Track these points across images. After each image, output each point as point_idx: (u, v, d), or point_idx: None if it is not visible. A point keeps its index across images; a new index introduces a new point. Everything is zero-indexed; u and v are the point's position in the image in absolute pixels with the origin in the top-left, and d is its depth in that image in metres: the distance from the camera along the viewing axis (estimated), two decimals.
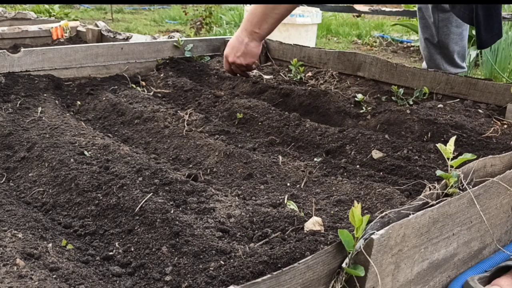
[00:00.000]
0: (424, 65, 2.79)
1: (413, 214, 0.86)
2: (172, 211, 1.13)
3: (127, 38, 3.07)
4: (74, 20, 5.03)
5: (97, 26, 3.27)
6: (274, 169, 1.44)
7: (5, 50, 2.24)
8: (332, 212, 1.19)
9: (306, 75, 2.50)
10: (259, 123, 1.87)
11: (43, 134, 1.63)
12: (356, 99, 2.04)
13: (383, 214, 0.87)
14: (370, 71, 2.32)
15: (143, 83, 2.38)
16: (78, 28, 3.41)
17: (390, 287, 0.86)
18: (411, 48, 5.36)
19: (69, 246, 1.07)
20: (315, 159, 1.54)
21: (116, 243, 1.10)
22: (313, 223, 1.07)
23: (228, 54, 2.22)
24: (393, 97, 2.12)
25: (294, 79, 2.45)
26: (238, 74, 2.30)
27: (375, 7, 5.10)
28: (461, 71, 2.64)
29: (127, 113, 1.94)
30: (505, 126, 1.78)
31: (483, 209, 1.01)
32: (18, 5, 6.94)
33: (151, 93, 2.24)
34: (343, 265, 0.80)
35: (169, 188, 1.28)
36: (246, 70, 2.26)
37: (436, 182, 1.01)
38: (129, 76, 2.44)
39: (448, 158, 1.03)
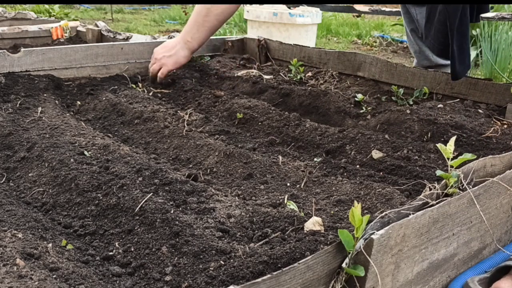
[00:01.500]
0: (415, 61, 2.76)
1: (413, 214, 0.86)
2: (172, 211, 1.13)
3: (127, 38, 3.07)
4: (74, 20, 5.03)
5: (97, 26, 3.27)
6: (274, 169, 1.44)
7: (5, 50, 2.24)
8: (332, 212, 1.19)
9: (306, 75, 2.50)
10: (259, 123, 1.87)
11: (43, 134, 1.63)
12: (356, 99, 2.04)
13: (383, 214, 0.87)
14: (370, 71, 2.32)
15: (143, 83, 2.38)
16: (78, 28, 3.41)
17: (390, 287, 0.86)
18: None
19: (69, 246, 1.07)
20: (315, 159, 1.54)
21: (116, 243, 1.10)
22: (313, 223, 1.07)
23: (158, 50, 2.30)
24: (393, 97, 2.12)
25: (294, 79, 2.45)
26: (151, 76, 2.33)
27: (375, 7, 5.10)
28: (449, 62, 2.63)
29: (127, 113, 1.94)
30: (505, 126, 1.78)
31: (483, 209, 1.01)
32: (18, 5, 6.93)
33: (151, 93, 2.24)
34: (343, 265, 0.80)
35: (169, 188, 1.28)
36: (160, 74, 2.30)
37: (436, 182, 1.01)
38: (129, 76, 2.44)
39: (448, 158, 1.03)
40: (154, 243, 1.06)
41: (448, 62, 2.58)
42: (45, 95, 2.08)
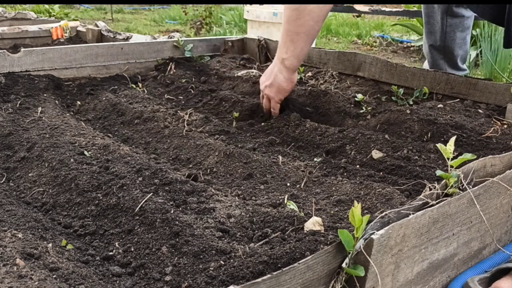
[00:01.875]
0: (425, 65, 2.78)
1: (413, 214, 0.86)
2: (172, 211, 1.13)
3: (127, 38, 3.08)
4: (74, 20, 5.03)
5: (97, 26, 3.28)
6: (274, 169, 1.44)
7: (5, 50, 2.24)
8: (332, 212, 1.19)
9: (306, 75, 2.50)
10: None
11: (43, 134, 1.63)
12: (356, 99, 2.04)
13: (383, 214, 0.87)
14: (370, 71, 2.32)
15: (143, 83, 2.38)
16: (78, 28, 3.42)
17: (390, 287, 0.86)
18: (411, 48, 5.36)
19: (69, 246, 1.07)
20: (315, 159, 1.53)
21: (116, 243, 1.10)
22: (313, 223, 1.07)
23: (261, 80, 1.91)
24: (393, 97, 2.12)
25: None
26: (265, 113, 1.93)
27: (375, 7, 5.10)
28: (463, 73, 2.65)
29: (127, 113, 1.94)
30: (505, 126, 1.78)
31: (483, 209, 1.01)
32: (18, 5, 6.94)
33: (151, 93, 2.24)
34: (343, 265, 0.80)
35: (169, 188, 1.28)
36: (272, 111, 1.89)
37: (436, 182, 1.01)
38: (129, 76, 2.44)
39: (448, 158, 1.03)
40: (154, 243, 1.06)
41: (461, 72, 2.59)
42: (45, 95, 2.08)
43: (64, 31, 3.35)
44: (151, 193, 1.22)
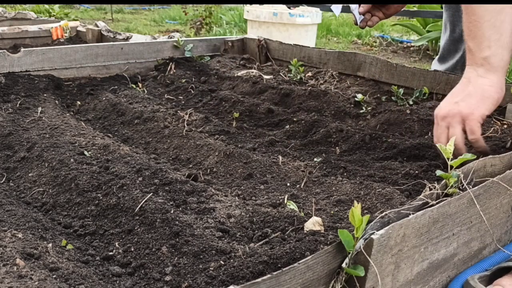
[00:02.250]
0: (434, 65, 2.61)
1: (413, 214, 0.86)
2: (172, 211, 1.13)
3: (127, 38, 3.08)
4: (74, 20, 5.03)
5: (97, 26, 3.28)
6: (274, 169, 1.44)
7: (5, 50, 2.24)
8: (332, 212, 1.19)
9: (306, 75, 2.50)
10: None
11: (43, 134, 1.63)
12: (356, 99, 2.04)
13: (383, 214, 0.87)
14: (370, 71, 2.32)
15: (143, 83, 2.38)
16: (78, 28, 3.42)
17: (390, 287, 0.86)
18: (411, 48, 5.36)
19: (69, 246, 1.07)
20: (315, 159, 1.53)
21: (116, 243, 1.10)
22: (313, 223, 1.07)
23: (442, 105, 1.37)
24: (393, 97, 2.12)
25: (294, 79, 2.45)
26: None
27: None
28: None
29: (127, 113, 1.94)
30: (505, 126, 1.78)
31: (483, 209, 1.01)
32: (18, 5, 6.94)
33: (151, 93, 2.24)
34: (343, 265, 0.80)
35: (169, 188, 1.28)
36: (472, 130, 1.29)
37: (436, 182, 1.01)
38: (129, 76, 2.44)
39: (448, 158, 1.03)
40: (154, 243, 1.06)
41: None
42: (45, 95, 2.08)
43: (64, 31, 3.35)
44: (151, 193, 1.22)
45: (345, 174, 1.43)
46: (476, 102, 1.25)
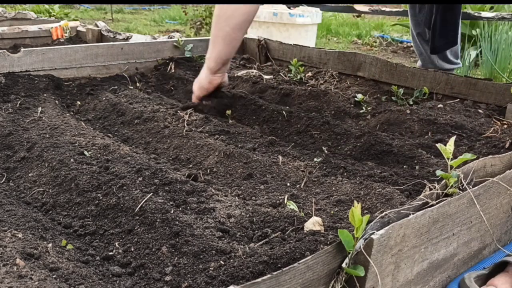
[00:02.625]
0: (419, 63, 2.77)
1: (413, 214, 0.86)
2: (172, 211, 1.13)
3: (127, 38, 3.07)
4: (74, 20, 5.03)
5: (97, 26, 3.27)
6: (274, 169, 1.44)
7: (5, 50, 2.24)
8: (332, 212, 1.19)
9: (306, 75, 2.50)
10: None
11: (43, 134, 1.63)
12: (356, 99, 2.04)
13: (383, 214, 0.87)
14: (370, 71, 2.32)
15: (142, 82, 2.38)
16: (78, 28, 3.41)
17: (390, 287, 0.86)
18: (411, 48, 5.36)
19: (69, 246, 1.07)
20: (315, 159, 1.53)
21: (116, 243, 1.10)
22: (313, 223, 1.07)
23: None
24: (393, 97, 2.12)
25: (294, 79, 2.45)
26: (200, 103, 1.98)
27: (375, 7, 5.09)
28: (455, 66, 2.63)
29: (127, 113, 1.94)
30: (505, 126, 1.78)
31: (483, 209, 1.01)
32: (18, 5, 6.94)
33: (151, 93, 2.24)
34: (343, 265, 0.80)
35: (169, 188, 1.28)
36: (193, 101, 2.00)
37: (436, 182, 1.01)
38: (129, 76, 2.44)
39: (448, 158, 1.03)
40: (154, 243, 1.06)
41: (454, 66, 2.58)
42: (45, 95, 2.08)
43: (64, 31, 3.34)
44: (151, 193, 1.22)
45: (345, 174, 1.43)
46: (197, 88, 1.95)
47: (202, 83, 1.92)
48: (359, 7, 5.24)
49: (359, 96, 2.05)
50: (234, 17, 1.75)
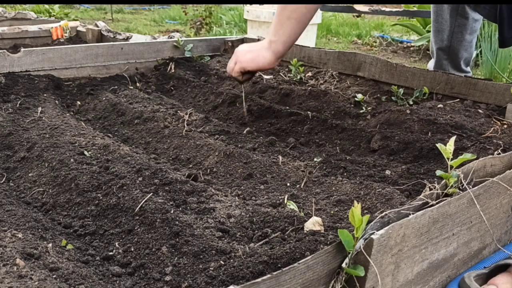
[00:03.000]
0: (430, 65, 2.75)
1: (413, 214, 0.86)
2: (172, 211, 1.13)
3: (127, 38, 3.08)
4: (74, 20, 5.03)
5: (97, 26, 3.27)
6: (274, 169, 1.44)
7: (5, 50, 2.23)
8: (332, 212, 1.19)
9: (306, 75, 2.50)
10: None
11: (43, 134, 1.63)
12: (356, 99, 2.04)
13: (383, 214, 0.87)
14: (370, 71, 2.32)
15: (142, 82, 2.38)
16: (78, 28, 3.41)
17: (390, 287, 0.86)
18: (411, 48, 5.36)
19: (69, 246, 1.07)
20: (315, 159, 1.54)
21: (116, 243, 1.10)
22: (313, 223, 1.07)
23: (239, 50, 1.98)
24: (393, 97, 2.12)
25: (294, 79, 2.45)
26: (233, 76, 2.01)
27: (375, 7, 5.10)
28: (466, 75, 2.62)
29: (127, 113, 1.94)
30: (505, 126, 1.78)
31: (483, 209, 1.01)
32: (18, 5, 6.94)
33: (151, 93, 2.24)
34: (343, 265, 0.80)
35: (169, 188, 1.28)
36: (243, 76, 1.97)
37: (436, 182, 1.01)
38: (129, 76, 2.44)
39: (448, 158, 1.03)
40: (154, 243, 1.06)
41: (463, 74, 2.56)
42: (45, 95, 2.08)
43: (64, 31, 3.34)
44: (151, 193, 1.22)
45: (345, 174, 1.43)
46: (248, 60, 1.88)
47: (261, 60, 1.85)
48: (359, 7, 5.25)
49: (359, 96, 2.05)
50: (304, 16, 1.79)
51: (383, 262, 0.82)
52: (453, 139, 1.06)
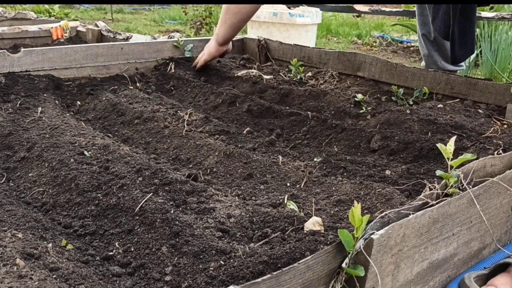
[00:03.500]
0: (423, 63, 2.78)
1: (413, 214, 0.86)
2: (172, 211, 1.13)
3: (127, 38, 3.07)
4: (74, 20, 5.03)
5: (97, 26, 3.27)
6: (274, 169, 1.44)
7: (5, 50, 2.23)
8: (332, 212, 1.19)
9: (306, 75, 2.50)
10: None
11: (43, 134, 1.63)
12: (356, 99, 2.04)
13: (383, 214, 0.87)
14: (370, 71, 2.32)
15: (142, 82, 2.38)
16: (78, 28, 3.41)
17: (390, 287, 0.86)
18: (411, 48, 5.36)
19: (69, 246, 1.07)
20: (315, 159, 1.54)
21: (116, 243, 1.10)
22: (313, 223, 1.07)
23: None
24: (393, 97, 2.12)
25: (294, 79, 2.45)
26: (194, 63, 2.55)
27: (375, 7, 5.10)
28: (459, 69, 2.63)
29: (127, 113, 1.94)
30: (505, 126, 1.78)
31: (483, 209, 1.01)
32: (18, 5, 6.94)
33: (151, 93, 2.24)
34: (343, 265, 0.80)
35: (169, 188, 1.28)
36: (196, 62, 2.56)
37: (436, 182, 1.01)
38: (129, 76, 2.44)
39: (448, 158, 1.03)
40: (154, 243, 1.06)
41: (457, 68, 2.58)
42: (45, 95, 2.08)
43: (64, 31, 3.34)
44: (151, 193, 1.22)
45: (345, 174, 1.43)
46: (206, 52, 2.56)
47: (211, 50, 2.49)
48: (359, 7, 5.25)
49: (359, 96, 2.05)
50: (241, 13, 2.30)
51: (383, 262, 0.82)
52: (453, 139, 1.06)
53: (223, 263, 0.97)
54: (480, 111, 1.93)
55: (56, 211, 1.25)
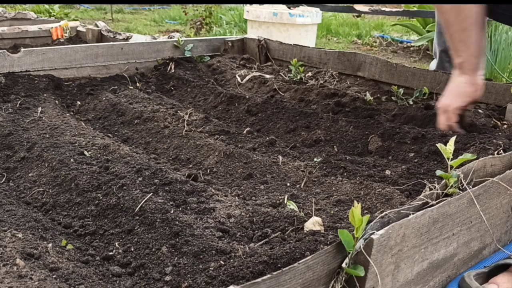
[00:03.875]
0: (432, 66, 2.75)
1: (413, 214, 0.86)
2: (172, 211, 1.13)
3: (127, 38, 3.07)
4: (74, 20, 5.02)
5: (97, 26, 3.28)
6: (274, 169, 1.44)
7: (5, 50, 2.24)
8: (332, 212, 1.19)
9: (306, 75, 2.50)
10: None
11: (43, 134, 1.63)
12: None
13: (383, 214, 0.87)
14: (370, 71, 2.32)
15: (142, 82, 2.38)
16: (78, 28, 3.41)
17: (390, 287, 0.86)
18: (411, 48, 5.36)
19: (69, 246, 1.07)
20: (315, 159, 1.53)
21: (116, 243, 1.10)
22: (313, 223, 1.07)
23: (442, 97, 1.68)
24: (393, 97, 2.12)
25: (294, 79, 2.45)
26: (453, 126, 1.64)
27: (375, 7, 5.10)
28: None
29: (127, 113, 1.94)
30: (505, 126, 1.78)
31: (483, 209, 1.01)
32: (18, 5, 6.93)
33: (151, 93, 2.24)
34: (343, 265, 0.80)
35: (169, 188, 1.28)
36: (449, 117, 1.62)
37: (436, 182, 1.01)
38: (129, 76, 2.44)
39: (448, 158, 1.03)
40: (154, 243, 1.06)
41: None
42: (45, 95, 2.08)
43: (64, 31, 3.35)
44: (151, 193, 1.22)
45: (345, 174, 1.43)
46: (453, 97, 1.61)
47: (463, 87, 1.59)
48: (359, 7, 5.24)
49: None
50: (473, 14, 1.52)
51: (383, 262, 0.82)
52: (453, 139, 1.06)
53: (223, 263, 0.97)
54: (480, 111, 1.93)
55: (56, 211, 1.25)
